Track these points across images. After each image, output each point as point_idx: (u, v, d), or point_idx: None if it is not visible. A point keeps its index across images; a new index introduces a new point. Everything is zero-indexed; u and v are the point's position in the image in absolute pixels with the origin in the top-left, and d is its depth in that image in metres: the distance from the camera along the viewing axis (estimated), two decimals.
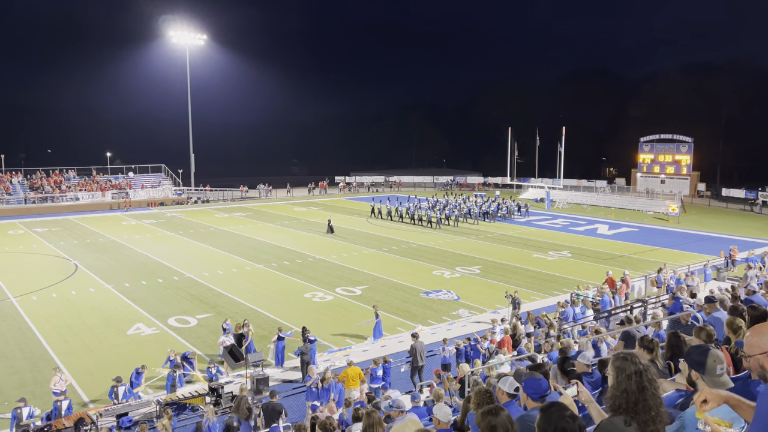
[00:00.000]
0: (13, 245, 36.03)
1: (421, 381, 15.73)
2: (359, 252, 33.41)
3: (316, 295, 24.50)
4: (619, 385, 2.91)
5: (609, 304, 19.80)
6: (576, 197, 59.63)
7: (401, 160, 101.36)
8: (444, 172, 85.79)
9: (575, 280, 26.21)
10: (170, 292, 25.04)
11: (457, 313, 22.11)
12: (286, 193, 67.52)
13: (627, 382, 2.89)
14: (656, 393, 2.91)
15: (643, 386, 2.86)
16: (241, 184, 66.64)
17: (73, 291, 25.32)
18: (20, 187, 55.20)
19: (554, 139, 59.52)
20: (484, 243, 36.38)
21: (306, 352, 16.30)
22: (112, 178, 61.10)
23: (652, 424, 2.79)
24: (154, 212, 52.53)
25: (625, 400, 2.85)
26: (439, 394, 9.82)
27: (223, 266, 29.80)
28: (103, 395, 15.18)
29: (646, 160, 63.21)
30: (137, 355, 18.00)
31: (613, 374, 3.00)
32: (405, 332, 19.71)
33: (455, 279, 27.20)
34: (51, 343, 19.14)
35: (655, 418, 2.81)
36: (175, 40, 64.60)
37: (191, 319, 21.42)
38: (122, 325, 20.77)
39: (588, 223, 45.25)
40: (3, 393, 15.48)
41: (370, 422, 5.69)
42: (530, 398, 4.02)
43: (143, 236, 39.10)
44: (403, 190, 73.27)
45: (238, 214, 50.34)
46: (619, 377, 2.95)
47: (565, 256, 32.45)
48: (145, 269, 29.30)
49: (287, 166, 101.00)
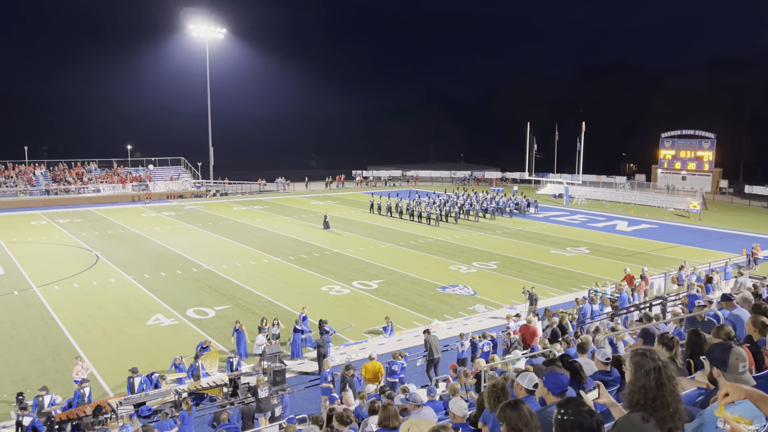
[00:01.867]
0: (36, 236, 36.65)
1: (436, 375, 15.75)
2: (376, 246, 33.45)
3: (332, 289, 24.60)
4: (637, 381, 2.90)
5: (627, 302, 19.62)
6: (595, 193, 59.08)
7: (418, 155, 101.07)
8: (462, 166, 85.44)
9: (593, 276, 25.99)
10: (189, 284, 25.31)
11: (473, 308, 22.07)
12: (304, 187, 67.78)
13: (645, 378, 2.87)
14: (675, 390, 2.88)
15: (661, 383, 2.84)
16: (260, 177, 67.03)
17: (94, 281, 25.70)
18: (43, 178, 56.11)
19: (574, 135, 58.95)
20: (502, 238, 36.22)
21: (322, 344, 16.40)
22: (132, 170, 61.83)
23: (671, 421, 2.77)
24: (173, 204, 53.08)
25: (643, 396, 2.83)
26: (455, 389, 9.82)
27: (241, 259, 30.04)
28: (123, 383, 15.41)
29: (667, 156, 62.39)
30: (156, 345, 18.25)
31: (631, 370, 2.98)
32: (421, 326, 19.69)
33: (472, 274, 27.13)
34: (72, 332, 19.47)
35: (674, 415, 2.79)
36: (195, 34, 65.05)
37: (209, 311, 21.64)
38: (142, 316, 21.05)
39: (607, 219, 44.82)
40: (26, 381, 15.78)
41: (386, 414, 5.72)
42: (551, 393, 4.00)
43: (163, 228, 39.54)
44: (420, 184, 73.15)
45: (256, 207, 50.66)
46: (637, 373, 2.93)
47: (583, 252, 32.20)
48: (164, 261, 29.64)
49: (305, 160, 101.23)
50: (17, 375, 16.16)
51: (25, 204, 51.19)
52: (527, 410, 3.29)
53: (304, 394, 15.42)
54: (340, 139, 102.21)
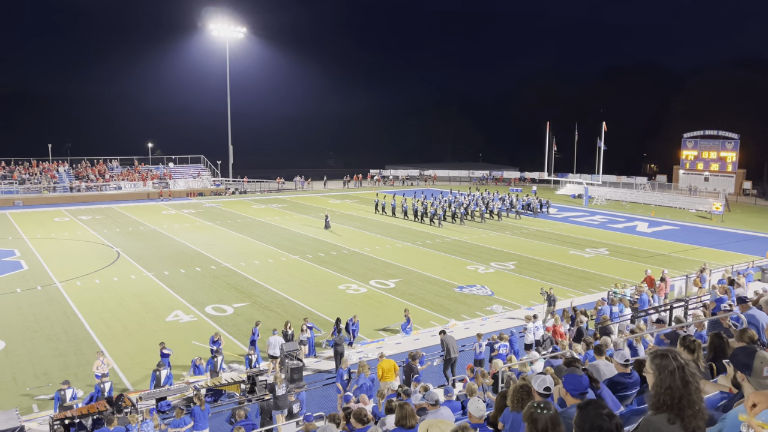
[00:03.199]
0: (59, 232, 37.24)
1: (453, 375, 15.71)
2: (393, 245, 33.46)
3: (350, 287, 24.66)
4: (662, 382, 2.86)
5: (648, 304, 19.39)
6: (615, 194, 58.48)
7: (436, 154, 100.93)
8: (480, 166, 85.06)
9: (612, 278, 25.73)
10: (208, 281, 25.54)
11: (490, 308, 21.98)
12: (322, 186, 68.01)
13: (670, 378, 2.84)
14: (699, 387, 2.86)
15: (687, 381, 2.81)
16: (278, 175, 67.42)
17: (115, 277, 26.05)
18: (66, 175, 56.98)
19: (594, 135, 58.38)
20: (520, 239, 36.01)
21: (339, 343, 16.45)
22: (153, 168, 62.53)
23: (694, 420, 2.74)
24: (192, 202, 53.60)
25: (670, 397, 2.80)
26: (472, 389, 9.80)
27: (259, 256, 30.24)
28: (143, 379, 15.61)
29: (690, 157, 61.52)
30: (175, 341, 18.42)
31: (654, 372, 2.95)
32: (438, 326, 19.68)
33: (489, 274, 27.02)
34: (94, 327, 19.75)
35: (697, 414, 2.76)
36: (215, 33, 65.58)
37: (228, 308, 21.81)
38: (161, 312, 21.29)
39: (627, 220, 44.34)
40: (48, 375, 16.05)
41: (403, 414, 5.72)
42: (570, 394, 3.97)
43: (182, 225, 39.94)
44: (438, 184, 73.01)
45: (274, 206, 50.96)
46: (661, 375, 2.90)
47: (602, 253, 31.90)
48: (183, 258, 29.94)
49: (323, 159, 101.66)
50: (39, 369, 16.44)
51: (49, 201, 52.08)
52: (552, 414, 3.27)
53: (321, 392, 15.48)
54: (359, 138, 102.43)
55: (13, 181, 53.39)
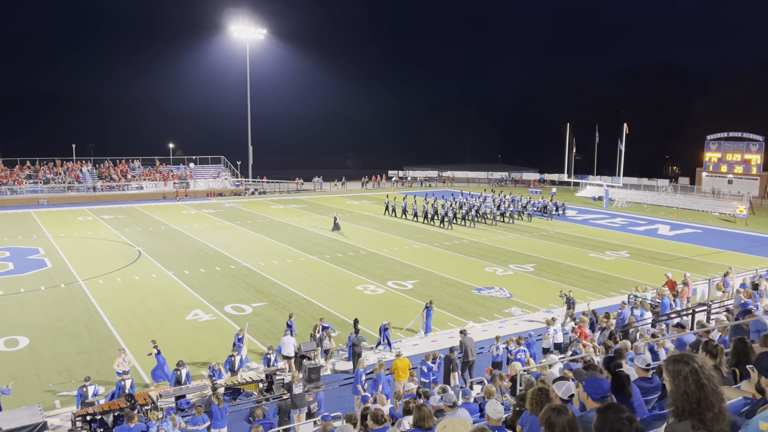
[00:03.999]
0: (82, 231, 37.82)
1: (471, 377, 15.66)
2: (411, 246, 33.43)
3: (367, 288, 24.69)
4: (677, 388, 2.83)
5: (669, 308, 19.14)
6: (636, 196, 57.80)
7: (455, 155, 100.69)
8: (499, 167, 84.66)
9: (633, 281, 25.45)
10: (227, 281, 25.75)
11: (509, 311, 21.85)
12: (335, 185, 68.21)
13: (685, 383, 2.81)
14: (716, 389, 2.82)
15: (701, 384, 2.78)
16: (297, 176, 67.77)
17: (137, 276, 26.39)
18: (89, 175, 57.87)
19: (615, 136, 57.82)
20: (539, 241, 35.76)
21: (357, 343, 16.48)
22: (174, 168, 63.24)
23: (716, 423, 2.70)
24: (213, 202, 54.10)
25: (687, 402, 2.77)
26: (490, 392, 9.76)
27: (278, 256, 30.42)
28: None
29: (713, 159, 60.58)
30: (194, 340, 18.63)
31: (670, 379, 2.92)
32: (456, 328, 19.63)
33: (508, 276, 26.88)
34: (115, 325, 20.03)
35: (718, 416, 2.72)
36: (236, 35, 66.14)
37: (247, 307, 21.97)
38: (181, 311, 21.51)
39: (648, 222, 43.80)
40: (70, 371, 16.30)
41: (421, 415, 5.72)
42: (590, 398, 3.93)
43: (202, 225, 40.33)
44: (456, 185, 72.81)
45: (293, 206, 51.23)
46: (676, 381, 2.87)
47: (622, 256, 31.55)
48: (203, 257, 30.23)
49: (342, 160, 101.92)
50: (62, 366, 16.70)
51: (73, 200, 52.94)
52: (570, 419, 3.24)
53: (338, 392, 15.52)
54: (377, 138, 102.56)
55: (37, 180, 54.37)
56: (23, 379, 15.77)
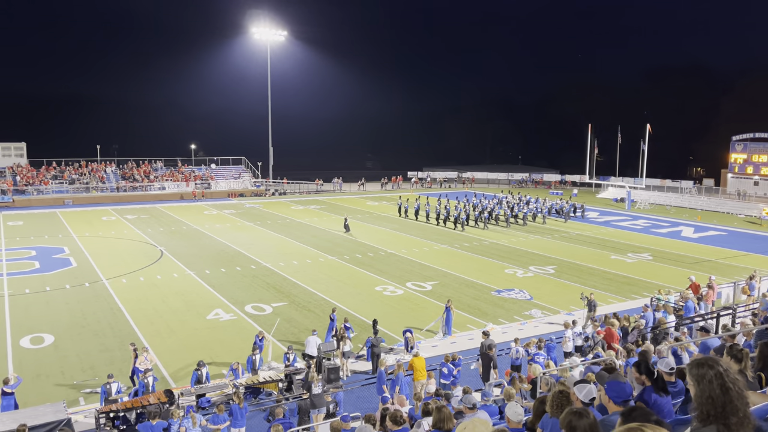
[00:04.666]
0: (106, 231, 38.40)
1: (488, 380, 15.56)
2: (430, 247, 33.37)
3: (386, 289, 24.70)
4: (702, 392, 2.78)
5: (693, 311, 18.84)
6: (659, 198, 57.01)
7: (475, 156, 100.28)
8: (519, 168, 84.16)
9: (656, 284, 25.10)
10: (248, 280, 25.95)
11: (529, 313, 21.70)
12: (359, 187, 68.34)
13: (709, 387, 2.75)
14: (741, 393, 2.76)
15: (726, 388, 2.72)
16: (317, 177, 68.06)
17: (159, 275, 26.71)
18: (113, 176, 58.75)
19: (637, 137, 57.06)
20: (560, 242, 35.45)
21: (376, 344, 16.49)
22: (195, 169, 63.92)
23: (741, 428, 2.66)
24: (233, 203, 54.56)
25: (713, 407, 2.72)
26: (509, 394, 9.70)
27: (297, 257, 30.57)
28: (184, 375, 15.96)
29: (738, 160, 59.49)
30: (215, 339, 18.80)
31: (694, 383, 2.87)
32: (475, 330, 19.57)
33: (528, 278, 26.69)
34: (138, 323, 20.30)
35: (743, 421, 2.67)
36: (257, 37, 66.66)
37: (267, 307, 22.12)
38: (202, 310, 21.73)
39: (671, 224, 43.17)
40: (94, 369, 16.56)
41: (441, 417, 5.70)
42: (612, 401, 3.89)
43: (223, 225, 40.69)
44: (476, 186, 72.51)
45: (313, 207, 51.45)
46: (700, 385, 2.82)
47: (645, 258, 31.14)
48: (224, 257, 30.50)
49: (362, 161, 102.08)
50: (86, 363, 16.97)
51: (97, 200, 53.79)
52: (591, 423, 3.20)
53: (358, 393, 15.55)
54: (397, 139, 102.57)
55: (63, 181, 55.36)
56: (48, 376, 16.06)
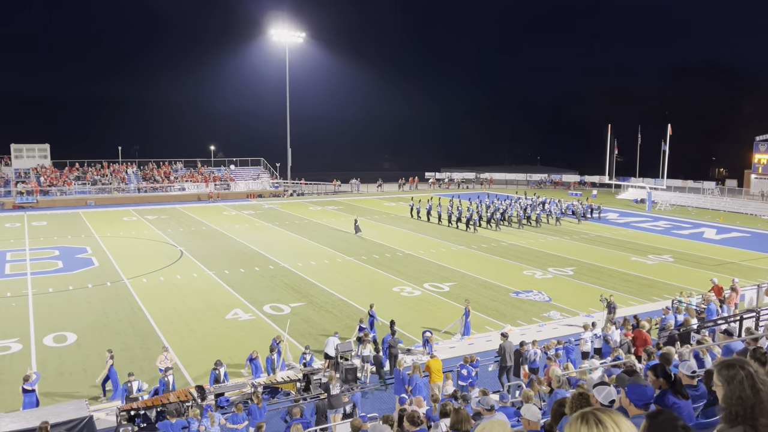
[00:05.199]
0: (127, 231, 38.90)
1: (509, 381, 15.49)
2: (447, 248, 33.28)
3: (404, 290, 24.69)
4: (732, 393, 2.74)
5: (715, 314, 18.57)
6: (680, 199, 56.25)
7: (493, 157, 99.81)
8: (538, 169, 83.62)
9: (677, 286, 24.78)
10: (266, 281, 26.11)
11: (548, 314, 21.55)
12: (377, 188, 68.40)
13: (740, 388, 2.72)
14: None
15: (757, 389, 2.69)
16: (335, 178, 68.27)
17: (179, 275, 26.99)
18: (134, 177, 59.50)
19: (658, 137, 56.35)
20: (579, 244, 35.15)
21: (394, 345, 16.49)
22: (215, 170, 64.48)
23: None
24: (252, 203, 54.93)
25: (742, 408, 2.68)
26: (527, 396, 9.64)
27: (315, 257, 30.69)
28: (203, 374, 16.10)
29: (762, 161, 58.45)
30: (234, 339, 18.95)
31: (723, 383, 2.83)
32: (493, 331, 19.48)
33: (547, 280, 26.50)
34: (158, 323, 20.53)
35: None
36: (275, 38, 67.06)
37: (285, 307, 22.23)
38: (221, 310, 21.91)
39: (693, 226, 42.57)
40: (116, 367, 16.72)
41: (458, 418, 5.69)
42: (633, 404, 3.85)
43: (242, 226, 40.99)
44: (494, 187, 72.17)
45: (330, 208, 51.60)
46: (730, 385, 2.78)
47: (666, 260, 30.75)
48: (243, 257, 30.72)
49: (379, 162, 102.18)
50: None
51: (118, 201, 54.52)
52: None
53: (376, 394, 15.56)
54: (414, 140, 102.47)
55: (86, 182, 56.19)
56: (71, 374, 16.31)
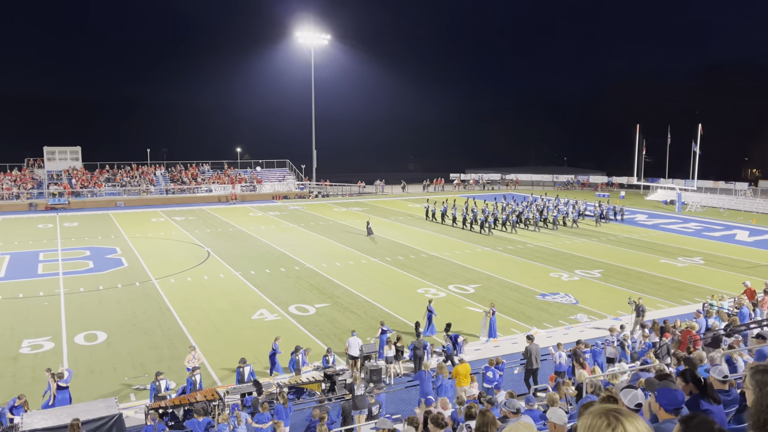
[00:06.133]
0: (155, 232, 39.53)
1: (535, 384, 15.34)
2: (472, 250, 33.11)
3: (428, 291, 24.61)
4: (762, 399, 2.68)
5: (748, 318, 18.12)
6: (711, 200, 55.08)
7: (519, 158, 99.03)
8: (565, 170, 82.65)
9: (708, 289, 24.28)
10: (291, 281, 26.29)
11: (574, 317, 21.29)
12: (401, 190, 68.39)
13: None
14: None
15: None
16: (359, 179, 68.44)
17: (206, 276, 27.33)
18: (162, 178, 60.45)
19: (688, 137, 55.30)
20: (607, 245, 34.66)
21: (419, 347, 16.46)
22: (241, 171, 65.18)
23: None
24: (278, 205, 55.37)
25: None
26: (553, 399, 9.54)
27: (340, 258, 30.80)
28: (229, 374, 16.28)
29: None
30: (260, 339, 19.10)
31: (754, 388, 2.76)
32: (519, 334, 19.31)
33: (574, 282, 26.18)
34: (186, 322, 20.81)
35: None
36: (301, 41, 67.52)
37: (310, 308, 22.35)
38: (247, 310, 22.11)
39: (725, 228, 41.65)
40: (144, 366, 17.05)
41: (484, 421, 5.66)
42: (663, 409, 3.77)
43: (268, 227, 41.34)
44: (520, 188, 71.60)
45: (355, 209, 51.74)
46: (762, 391, 2.71)
47: (697, 262, 30.14)
48: (269, 258, 30.97)
49: (404, 163, 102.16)
50: (137, 360, 17.50)
51: (147, 202, 55.46)
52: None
53: (400, 395, 15.55)
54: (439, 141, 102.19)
55: (115, 183, 57.29)
56: (101, 372, 16.63)
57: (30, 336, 19.34)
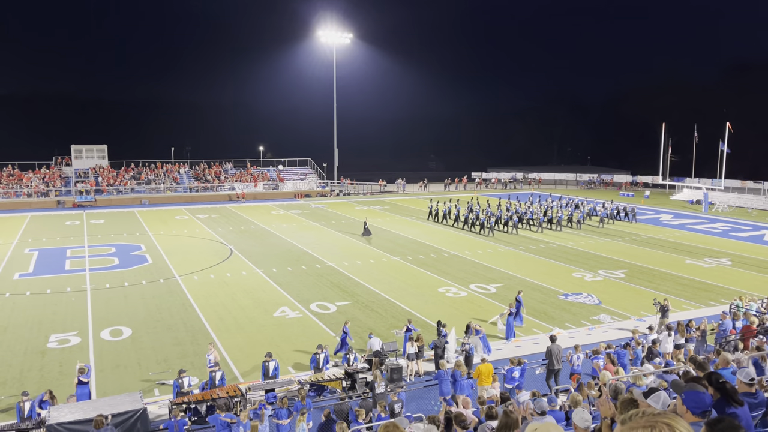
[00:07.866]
0: (179, 229, 40.03)
1: (557, 385, 15.21)
2: (494, 249, 32.92)
3: (449, 290, 24.55)
4: None
5: None
6: (739, 200, 54.03)
7: (542, 156, 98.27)
8: (588, 169, 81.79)
9: (735, 290, 23.83)
10: (313, 279, 26.42)
11: (597, 318, 21.05)
12: (422, 188, 68.28)
13: None
14: None
15: None
16: (380, 178, 68.50)
17: (228, 273, 27.59)
18: (186, 176, 61.17)
19: (715, 136, 54.30)
20: (630, 246, 34.21)
21: (440, 345, 16.44)
22: (264, 170, 65.67)
23: None
24: (299, 203, 55.68)
25: None
26: (576, 400, 9.45)
27: (361, 257, 30.86)
28: (251, 370, 16.42)
29: None
30: (281, 336, 19.24)
31: None
32: (541, 334, 19.17)
33: (597, 282, 25.89)
34: (208, 319, 21.03)
35: None
36: (323, 40, 67.73)
37: (331, 306, 22.44)
38: (269, 308, 22.28)
39: (753, 228, 40.82)
40: (168, 361, 17.28)
41: (507, 421, 5.63)
42: (690, 412, 3.71)
43: (290, 225, 41.59)
44: (543, 187, 70.99)
45: (376, 207, 51.79)
46: None
47: (723, 263, 29.59)
48: (290, 256, 31.17)
49: (425, 162, 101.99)
50: (161, 356, 17.74)
51: (171, 200, 56.18)
52: None
53: (420, 393, 15.54)
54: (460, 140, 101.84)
55: (140, 181, 58.13)
56: (126, 367, 16.89)
57: (57, 331, 19.72)
